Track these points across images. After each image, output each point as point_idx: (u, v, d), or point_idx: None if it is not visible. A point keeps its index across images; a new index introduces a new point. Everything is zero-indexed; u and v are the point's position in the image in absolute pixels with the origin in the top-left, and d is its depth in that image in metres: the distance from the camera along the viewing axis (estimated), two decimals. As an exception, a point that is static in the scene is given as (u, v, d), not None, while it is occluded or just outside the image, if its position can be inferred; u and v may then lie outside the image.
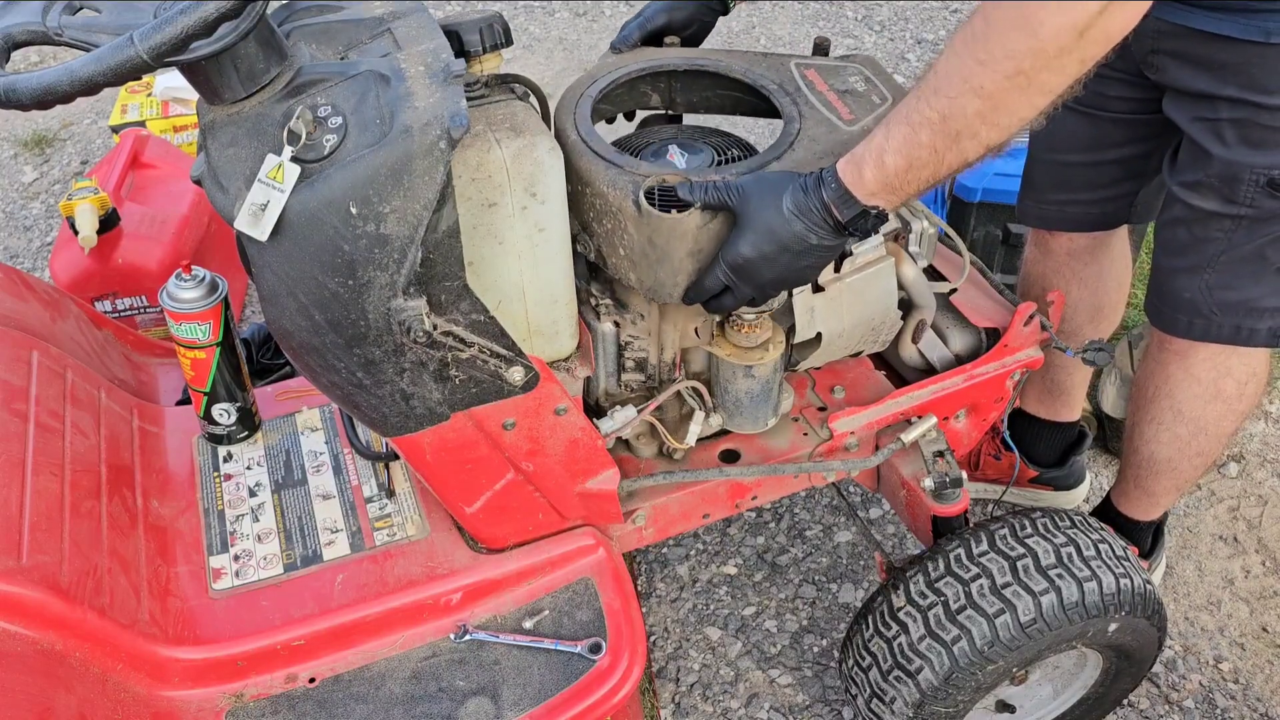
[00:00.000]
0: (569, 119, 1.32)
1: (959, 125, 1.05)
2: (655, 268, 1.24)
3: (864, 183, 1.12)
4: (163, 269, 2.21)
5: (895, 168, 1.10)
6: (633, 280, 1.28)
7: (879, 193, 1.12)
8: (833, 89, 1.37)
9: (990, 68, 1.01)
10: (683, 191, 1.19)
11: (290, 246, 1.06)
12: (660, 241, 1.21)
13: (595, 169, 1.25)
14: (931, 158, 1.08)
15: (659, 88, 1.48)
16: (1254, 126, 1.37)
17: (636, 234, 1.22)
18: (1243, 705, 1.82)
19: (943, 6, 3.85)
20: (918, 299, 1.47)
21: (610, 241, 1.27)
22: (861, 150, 1.12)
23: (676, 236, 1.21)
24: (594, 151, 1.27)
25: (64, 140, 3.35)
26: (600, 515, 1.42)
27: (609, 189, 1.23)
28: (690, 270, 1.24)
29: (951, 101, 1.04)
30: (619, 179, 1.23)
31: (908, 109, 1.08)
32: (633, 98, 1.47)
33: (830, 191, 1.13)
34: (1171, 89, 1.47)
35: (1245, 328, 1.52)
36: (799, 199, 1.15)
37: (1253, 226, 1.44)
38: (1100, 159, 1.67)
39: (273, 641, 1.31)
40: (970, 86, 1.03)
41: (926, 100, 1.06)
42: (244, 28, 1.02)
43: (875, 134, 1.12)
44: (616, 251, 1.27)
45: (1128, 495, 1.85)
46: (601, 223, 1.27)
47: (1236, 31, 1.32)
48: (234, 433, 1.57)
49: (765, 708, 1.81)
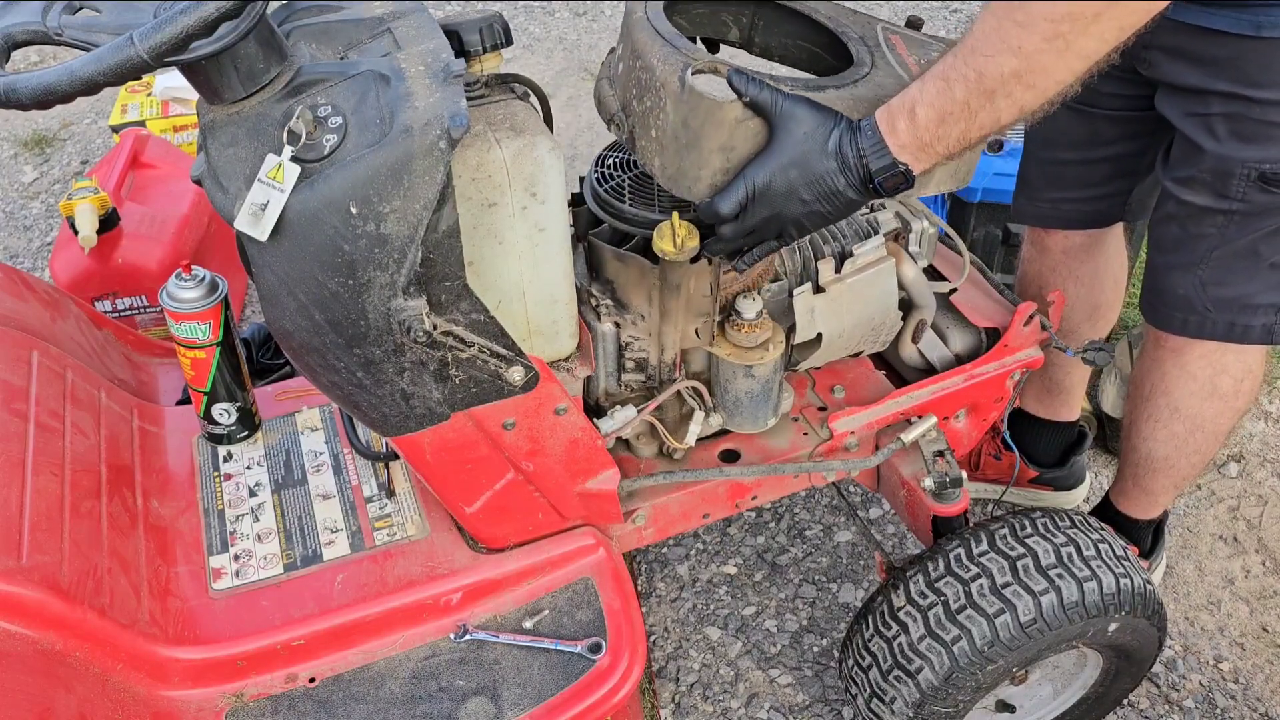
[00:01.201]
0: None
1: (994, 84, 1.05)
2: (682, 154, 1.18)
3: (896, 133, 1.11)
4: (163, 269, 2.21)
5: (926, 120, 1.09)
6: (656, 167, 1.22)
7: (909, 145, 1.11)
8: (913, 56, 1.31)
9: (1029, 29, 1.01)
10: (734, 78, 1.14)
11: (290, 246, 1.06)
12: (695, 124, 1.16)
13: (652, 44, 1.19)
14: (964, 113, 1.07)
15: (740, 21, 1.41)
16: (1245, 121, 1.37)
17: (673, 113, 1.16)
18: (1243, 705, 1.82)
19: (943, 6, 3.85)
20: (918, 299, 1.47)
21: (645, 121, 1.21)
22: (897, 102, 1.11)
23: (712, 123, 1.14)
24: (655, 29, 1.21)
25: (64, 140, 3.35)
26: (600, 515, 1.42)
27: (659, 62, 1.17)
28: (716, 167, 1.18)
29: (988, 60, 1.04)
30: (671, 55, 1.17)
31: (945, 65, 1.08)
32: (712, 24, 1.42)
33: (865, 139, 1.12)
34: (1164, 84, 1.47)
35: (1239, 324, 1.52)
36: (839, 139, 1.13)
37: (1245, 221, 1.44)
38: (1093, 156, 1.67)
39: (273, 641, 1.31)
40: (1009, 46, 1.03)
41: (964, 59, 1.06)
42: (244, 27, 1.02)
43: (910, 88, 1.11)
44: (648, 133, 1.21)
45: (1126, 494, 1.85)
46: (642, 100, 1.21)
47: (1228, 25, 1.32)
48: (234, 432, 1.57)
49: (765, 707, 1.81)
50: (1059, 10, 0.99)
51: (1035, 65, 1.03)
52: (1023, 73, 1.03)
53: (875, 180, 1.13)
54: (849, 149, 1.13)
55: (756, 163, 1.15)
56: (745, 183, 1.16)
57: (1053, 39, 1.01)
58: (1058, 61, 1.02)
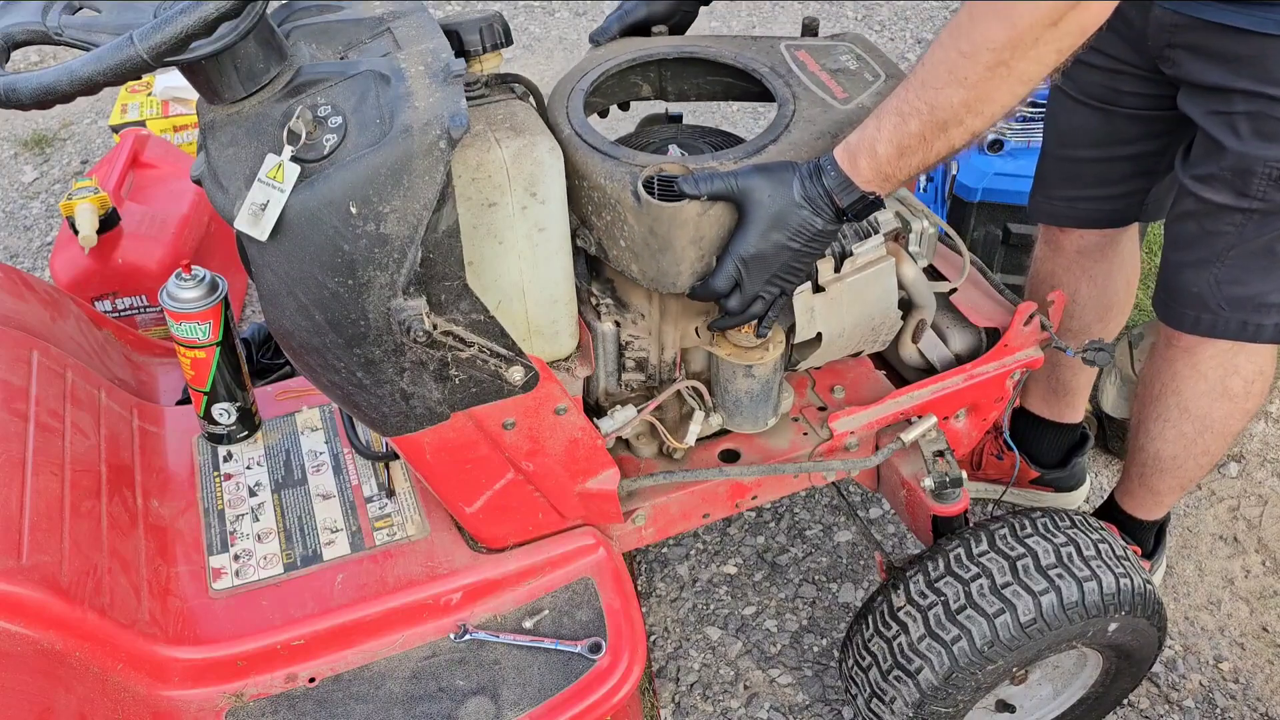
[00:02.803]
0: (561, 113, 1.32)
1: (945, 115, 1.10)
2: (657, 258, 1.24)
3: (859, 171, 1.16)
4: (163, 269, 2.21)
5: (887, 156, 1.14)
6: (635, 272, 1.27)
7: (873, 180, 1.16)
8: (825, 69, 1.37)
9: (972, 59, 1.06)
10: (686, 185, 1.19)
11: (290, 246, 1.06)
12: (661, 231, 1.21)
13: (591, 162, 1.25)
14: (921, 145, 1.13)
15: (649, 77, 1.46)
16: (1267, 119, 1.37)
17: (637, 225, 1.22)
18: (1243, 705, 1.82)
19: (942, 6, 3.85)
20: (918, 299, 1.47)
21: (610, 234, 1.26)
22: (855, 139, 1.17)
23: (678, 225, 1.20)
24: (589, 144, 1.26)
25: (64, 140, 3.35)
26: (600, 515, 1.42)
27: (606, 181, 1.23)
28: (693, 258, 1.23)
29: (938, 93, 1.09)
30: (616, 170, 1.22)
31: (898, 100, 1.13)
32: (623, 88, 1.46)
33: (830, 179, 1.18)
34: (1186, 83, 1.47)
35: (1252, 323, 1.52)
36: (803, 186, 1.18)
37: (1264, 220, 1.44)
38: (1112, 155, 1.67)
39: (273, 641, 1.31)
40: (955, 78, 1.08)
41: (915, 92, 1.11)
42: (244, 27, 1.02)
43: (868, 124, 1.16)
44: (617, 244, 1.26)
45: (1132, 493, 1.85)
46: (601, 215, 1.26)
47: (1251, 24, 1.32)
48: (234, 432, 1.57)
49: (765, 707, 1.81)
50: (1000, 38, 1.04)
51: (981, 94, 1.08)
52: (971, 102, 1.09)
53: (848, 213, 1.19)
54: (815, 191, 1.18)
55: (737, 238, 1.20)
56: (733, 259, 1.21)
57: (995, 67, 1.06)
58: (1002, 88, 1.08)
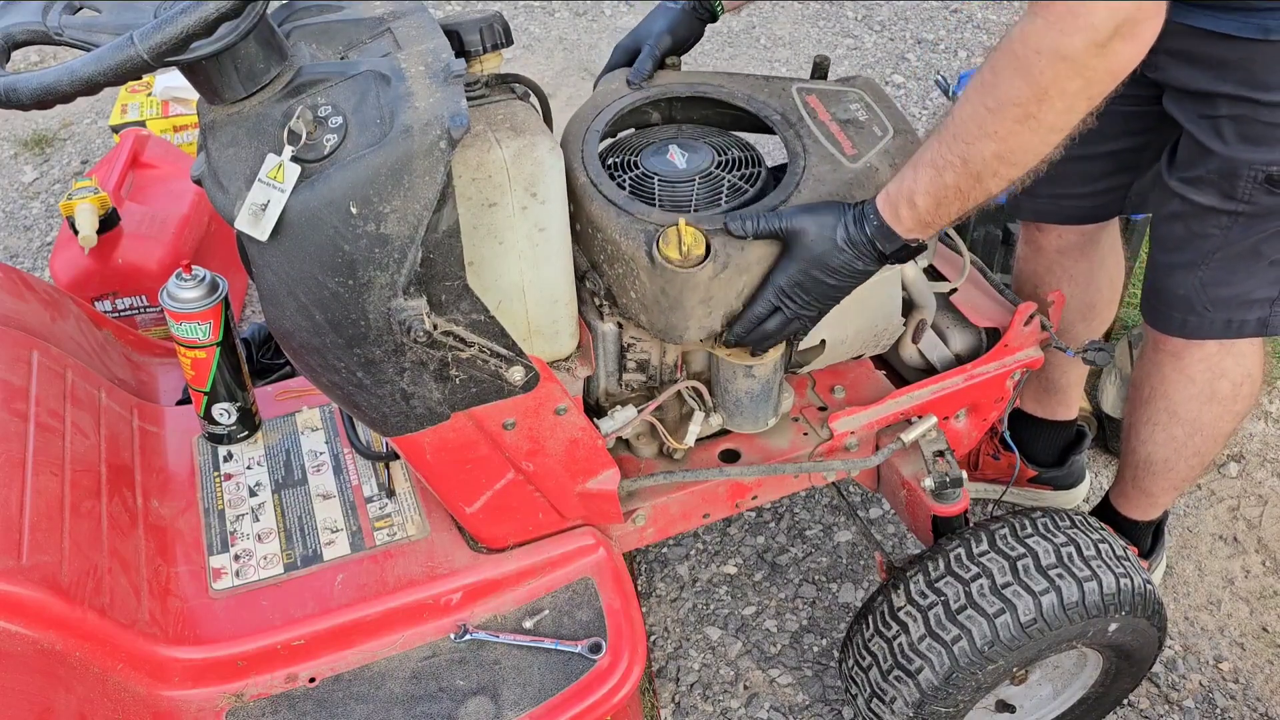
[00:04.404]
0: (577, 158, 1.33)
1: (979, 167, 1.12)
2: (667, 314, 1.27)
3: (900, 221, 1.19)
4: (163, 269, 2.21)
5: (925, 206, 1.17)
6: (643, 321, 1.30)
7: (915, 228, 1.20)
8: (835, 119, 1.39)
9: (999, 114, 1.08)
10: (733, 226, 1.23)
11: (290, 246, 1.06)
12: (673, 292, 1.24)
13: (607, 216, 1.27)
14: (958, 196, 1.16)
15: (660, 108, 1.49)
16: (1253, 123, 1.37)
17: (649, 283, 1.25)
18: (1243, 705, 1.82)
19: (943, 6, 3.85)
20: (918, 299, 1.47)
21: (621, 285, 1.29)
22: (895, 189, 1.20)
23: (690, 287, 1.23)
24: (605, 197, 1.28)
25: (64, 140, 3.35)
26: (600, 515, 1.42)
27: (621, 238, 1.25)
28: (701, 315, 1.27)
29: (969, 146, 1.11)
30: (631, 227, 1.25)
31: (932, 153, 1.16)
32: (633, 117, 1.48)
33: (873, 227, 1.21)
34: (1171, 87, 1.47)
35: (1235, 320, 1.53)
36: (847, 232, 1.22)
37: (1250, 223, 1.44)
38: (1094, 152, 1.67)
39: (273, 641, 1.31)
40: (985, 131, 1.10)
41: (948, 145, 1.14)
42: (244, 27, 1.02)
43: (904, 174, 1.19)
44: (628, 294, 1.29)
45: (1126, 496, 1.85)
46: (613, 266, 1.29)
47: (1236, 29, 1.33)
48: (234, 432, 1.57)
49: (765, 707, 1.81)
50: (1023, 93, 1.05)
51: (1013, 146, 1.10)
52: (1004, 154, 1.10)
53: (890, 259, 1.23)
54: (860, 237, 1.22)
55: (779, 270, 1.25)
56: (773, 288, 1.26)
57: (1024, 120, 1.07)
58: (1033, 138, 1.09)
